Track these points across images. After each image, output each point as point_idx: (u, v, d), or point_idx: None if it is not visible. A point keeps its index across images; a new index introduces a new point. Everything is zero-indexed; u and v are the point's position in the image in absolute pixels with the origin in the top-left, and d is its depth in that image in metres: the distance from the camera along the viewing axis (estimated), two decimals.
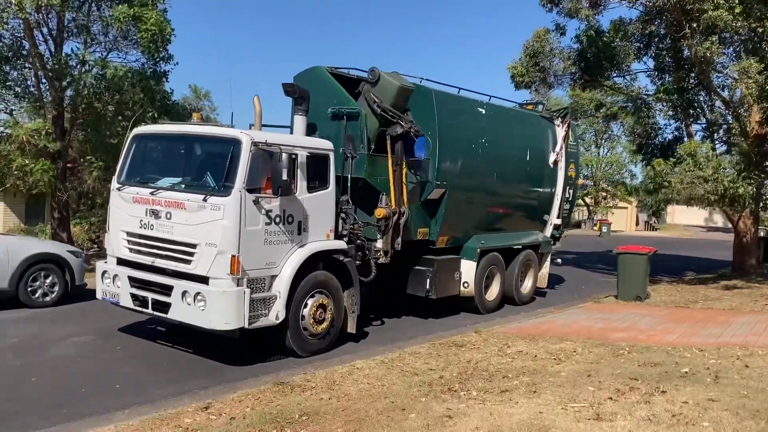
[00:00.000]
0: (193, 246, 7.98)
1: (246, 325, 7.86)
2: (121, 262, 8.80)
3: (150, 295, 8.34)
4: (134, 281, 8.54)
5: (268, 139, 8.17)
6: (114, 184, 8.99)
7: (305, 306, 8.66)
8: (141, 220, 8.46)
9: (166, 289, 8.15)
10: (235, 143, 8.04)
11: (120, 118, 16.78)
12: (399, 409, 6.37)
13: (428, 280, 11.08)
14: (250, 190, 7.91)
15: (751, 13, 15.25)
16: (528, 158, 13.38)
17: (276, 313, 8.20)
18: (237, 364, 8.27)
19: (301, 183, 8.63)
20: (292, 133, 9.82)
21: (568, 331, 10.63)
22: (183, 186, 8.39)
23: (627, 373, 7.65)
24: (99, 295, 9.09)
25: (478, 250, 11.91)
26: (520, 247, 13.26)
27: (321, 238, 8.96)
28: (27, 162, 15.26)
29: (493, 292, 12.69)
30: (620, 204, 49.55)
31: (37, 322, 10.19)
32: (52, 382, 7.43)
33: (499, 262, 12.72)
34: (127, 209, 8.66)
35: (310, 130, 9.84)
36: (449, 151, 11.18)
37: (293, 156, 8.49)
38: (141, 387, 7.34)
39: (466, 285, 11.77)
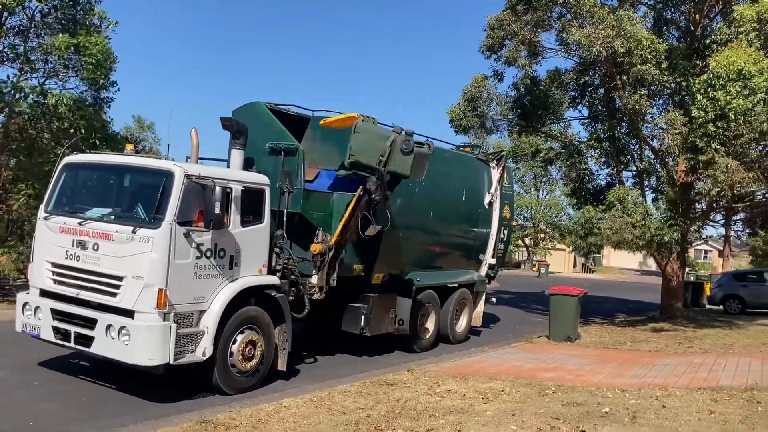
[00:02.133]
0: (120, 278, 7.81)
1: (171, 361, 7.68)
2: (44, 293, 8.53)
3: (73, 329, 8.11)
4: (57, 313, 8.29)
5: (201, 172, 8.09)
6: (41, 213, 8.77)
7: (234, 342, 8.52)
8: (67, 251, 8.24)
9: (90, 323, 7.95)
10: (168, 175, 7.95)
11: (54, 145, 16.40)
12: None
13: (363, 317, 11.07)
14: (181, 223, 7.81)
15: (676, 68, 16.14)
16: (464, 198, 13.64)
17: (203, 349, 8.04)
18: (162, 401, 8.06)
19: (235, 217, 8.56)
20: (228, 166, 9.80)
21: (499, 370, 10.78)
22: (112, 217, 8.24)
23: (550, 412, 7.81)
24: (18, 328, 8.76)
25: (414, 288, 11.97)
26: (456, 285, 13.41)
27: (253, 273, 8.87)
28: None
29: (428, 330, 12.76)
30: (558, 246, 50.76)
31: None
32: None
33: (435, 300, 12.86)
34: (53, 239, 8.44)
35: (248, 165, 9.85)
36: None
37: (227, 190, 8.43)
38: (58, 424, 7.08)
39: (401, 323, 11.80)
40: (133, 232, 7.76)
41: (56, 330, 8.29)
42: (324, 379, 9.75)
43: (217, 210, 7.95)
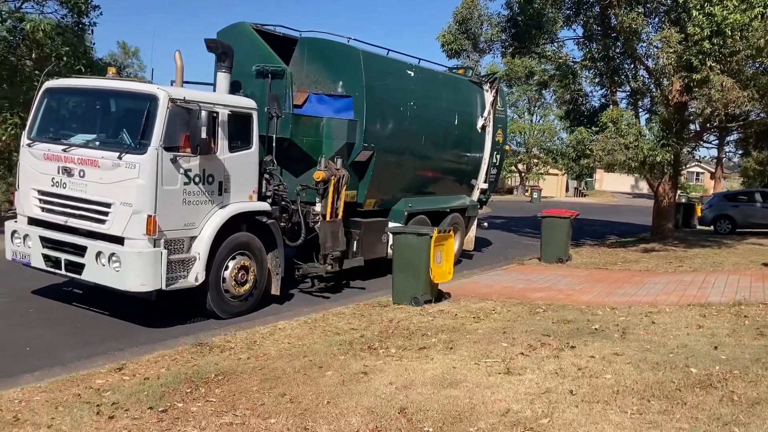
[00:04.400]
0: (108, 205, 7.72)
1: (163, 287, 7.71)
2: (33, 221, 8.46)
3: (63, 256, 8.08)
4: (46, 241, 8.25)
5: (186, 96, 7.89)
6: (24, 140, 8.60)
7: (226, 268, 8.54)
8: (53, 178, 8.11)
9: (80, 250, 7.91)
10: (152, 99, 7.74)
11: (38, 73, 15.96)
12: (316, 367, 6.42)
13: (355, 243, 11.02)
14: (167, 149, 7.66)
15: None
16: (456, 122, 13.40)
17: (195, 275, 8.06)
18: (156, 326, 8.14)
19: (222, 142, 8.38)
20: (215, 91, 9.54)
21: (490, 291, 10.90)
22: (97, 143, 8.08)
23: (540, 329, 7.93)
24: (9, 256, 8.73)
25: (406, 213, 11.87)
26: (448, 210, 13.35)
27: (243, 199, 8.79)
28: None
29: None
30: (551, 171, 50.73)
31: None
32: None
33: (427, 225, 12.80)
34: (38, 166, 8.29)
35: (235, 89, 9.59)
36: (377, 113, 11.03)
37: (214, 114, 8.18)
38: (53, 350, 7.15)
39: (393, 247, 11.76)
40: (119, 158, 7.62)
41: (46, 258, 8.26)
42: (318, 303, 9.83)
43: (203, 135, 7.75)
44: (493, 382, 5.94)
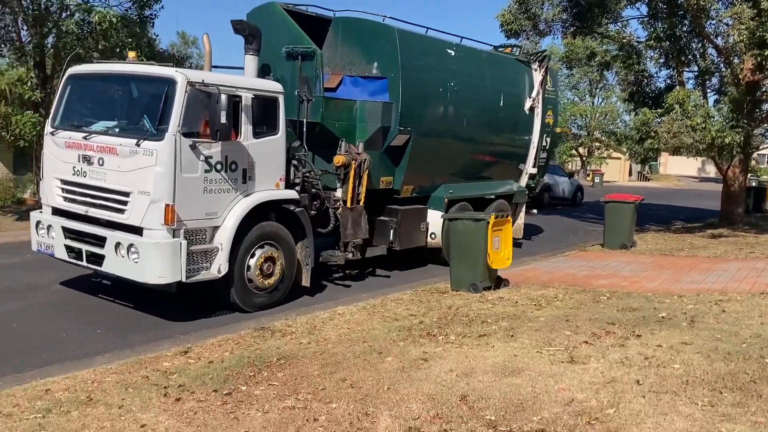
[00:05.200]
0: (126, 194, 7.47)
1: (184, 279, 7.40)
2: (56, 211, 8.30)
3: (84, 247, 7.87)
4: (68, 232, 8.06)
5: (205, 79, 7.57)
6: (47, 128, 8.45)
7: (251, 259, 8.20)
8: (74, 167, 7.91)
9: (100, 241, 7.69)
10: (170, 83, 7.41)
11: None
12: (376, 352, 6.43)
13: (392, 231, 10.57)
14: (186, 135, 7.35)
15: None
16: (502, 104, 12.73)
17: (218, 266, 7.74)
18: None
19: (246, 128, 8.04)
20: (244, 74, 9.18)
21: (552, 278, 10.71)
22: (117, 130, 7.85)
23: (605, 318, 7.74)
24: (34, 247, 8.62)
25: (446, 200, 11.38)
26: (493, 197, 12.73)
27: (269, 187, 8.44)
28: (11, 111, 14.98)
29: None
30: (614, 154, 49.41)
31: (25, 270, 10.15)
32: (34, 328, 7.47)
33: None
34: (60, 155, 8.11)
35: (264, 72, 9.33)
36: (414, 95, 10.53)
37: (236, 98, 7.85)
38: (123, 333, 7.38)
39: (433, 236, 11.32)
40: (137, 144, 7.34)
41: (69, 249, 8.09)
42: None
43: (223, 119, 7.38)
44: (556, 370, 5.83)
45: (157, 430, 4.71)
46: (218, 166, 7.73)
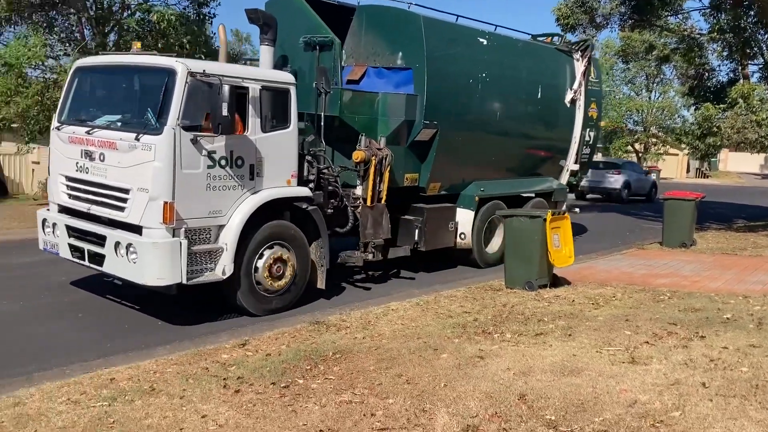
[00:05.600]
0: (126, 191, 7.12)
1: (184, 281, 7.00)
2: (62, 209, 8.05)
3: (87, 246, 7.59)
4: (72, 230, 7.78)
5: (207, 69, 7.12)
6: (54, 123, 8.19)
7: (260, 260, 7.74)
8: (77, 163, 7.62)
9: (101, 240, 7.38)
10: (170, 74, 7.01)
11: None
12: (431, 349, 6.40)
13: (417, 231, 9.97)
14: (186, 128, 6.93)
15: None
16: (539, 96, 11.95)
17: (223, 268, 7.30)
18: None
19: (254, 121, 7.57)
20: (259, 66, 8.81)
21: (609, 276, 10.48)
22: (119, 124, 7.51)
23: (666, 318, 7.53)
24: (41, 246, 8.37)
25: (477, 199, 10.77)
26: (533, 195, 12.07)
27: (280, 184, 7.95)
28: None
29: (495, 245, 11.45)
30: (671, 150, 48.11)
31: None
32: (98, 319, 7.69)
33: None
34: (64, 150, 7.84)
35: (282, 63, 8.98)
36: (441, 87, 9.88)
37: (242, 90, 7.42)
38: (182, 325, 7.53)
39: (463, 236, 10.71)
40: (137, 139, 6.97)
41: (73, 248, 7.80)
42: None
43: (225, 112, 6.90)
44: (616, 371, 5.70)
45: (217, 421, 4.78)
46: (222, 162, 7.30)
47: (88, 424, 4.69)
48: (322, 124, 8.77)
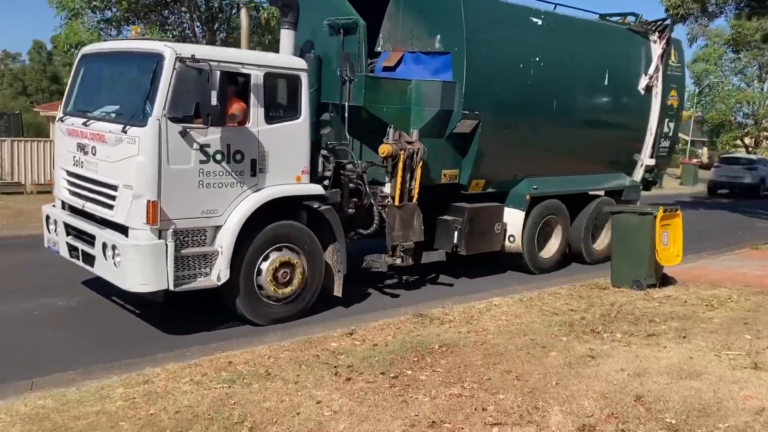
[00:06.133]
0: (114, 188, 6.54)
1: (171, 287, 6.35)
2: (63, 205, 7.62)
3: (81, 246, 7.09)
4: (69, 228, 7.32)
5: (196, 53, 6.36)
6: (58, 114, 7.78)
7: (263, 264, 7.00)
8: (74, 156, 7.17)
9: (92, 239, 6.86)
10: (158, 59, 6.38)
11: None
12: (539, 346, 6.33)
13: (456, 233, 8.99)
14: (174, 119, 6.28)
15: None
16: (606, 82, 10.66)
17: (218, 273, 6.64)
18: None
19: (257, 111, 6.82)
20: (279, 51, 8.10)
21: (722, 277, 9.98)
22: (112, 115, 6.95)
23: None
24: (45, 243, 7.90)
25: (528, 197, 9.68)
26: (600, 192, 11.01)
27: (288, 181, 7.17)
28: None
29: (550, 248, 10.41)
30: None
31: None
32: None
33: (561, 211, 10.37)
34: (64, 143, 7.41)
35: (306, 48, 8.41)
36: (483, 72, 8.83)
37: (242, 76, 6.73)
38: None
39: (512, 239, 9.67)
40: (123, 131, 6.39)
41: (70, 247, 7.29)
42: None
43: (214, 101, 6.20)
44: (739, 376, 5.45)
45: (332, 407, 4.92)
46: (218, 156, 6.57)
47: (211, 403, 4.93)
48: (347, 115, 8.04)
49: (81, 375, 5.61)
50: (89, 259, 6.94)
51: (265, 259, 7.00)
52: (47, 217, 7.78)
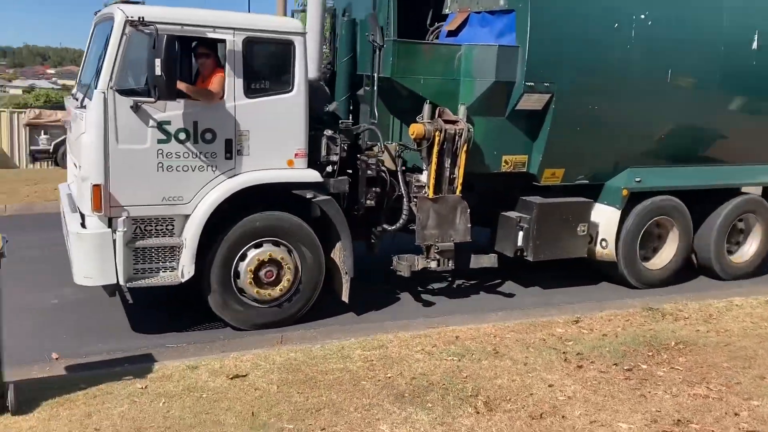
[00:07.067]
0: (79, 169, 5.94)
1: (122, 282, 5.61)
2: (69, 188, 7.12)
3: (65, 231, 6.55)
4: (64, 213, 6.75)
5: (145, 16, 5.39)
6: (74, 90, 7.33)
7: (242, 261, 6.04)
8: (69, 135, 6.91)
9: (67, 226, 6.28)
10: (111, 23, 5.62)
11: None
12: None
13: (521, 233, 7.30)
14: (123, 92, 5.50)
15: None
16: (755, 46, 7.93)
17: (182, 269, 5.81)
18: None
19: (234, 82, 5.81)
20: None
21: None
22: (86, 89, 6.20)
23: None
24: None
25: (625, 192, 7.59)
26: (739, 189, 8.63)
27: (276, 165, 6.08)
28: None
29: (663, 257, 8.21)
30: None
31: None
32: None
33: (679, 211, 8.07)
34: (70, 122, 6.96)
35: (340, 13, 7.60)
36: (557, 35, 6.90)
37: (210, 42, 5.87)
38: (512, 295, 7.68)
39: (604, 244, 7.68)
40: (82, 106, 5.82)
41: (66, 231, 6.57)
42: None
43: (158, 70, 5.21)
44: None
45: (565, 392, 4.82)
46: (181, 135, 5.68)
47: (443, 374, 5.07)
48: (375, 88, 6.79)
49: (321, 333, 6.06)
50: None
51: (245, 255, 6.04)
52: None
